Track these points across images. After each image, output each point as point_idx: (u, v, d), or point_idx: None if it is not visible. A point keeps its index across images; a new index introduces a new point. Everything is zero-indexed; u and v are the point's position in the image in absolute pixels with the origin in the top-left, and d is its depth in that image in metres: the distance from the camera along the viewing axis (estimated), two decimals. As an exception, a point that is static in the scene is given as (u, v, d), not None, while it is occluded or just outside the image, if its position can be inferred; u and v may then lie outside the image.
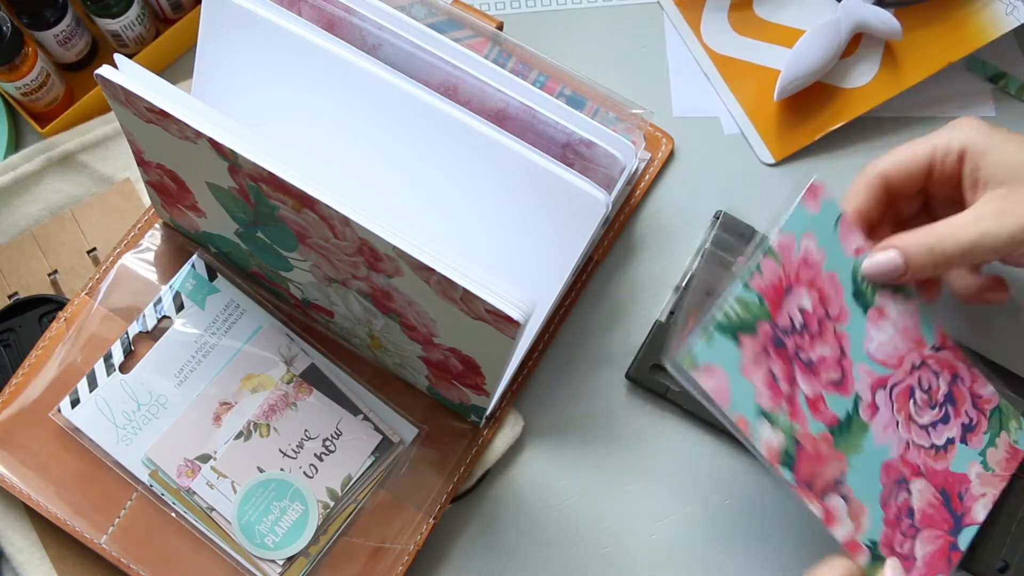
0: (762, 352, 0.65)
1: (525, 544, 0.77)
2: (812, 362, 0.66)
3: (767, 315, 0.65)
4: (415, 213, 0.70)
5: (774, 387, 0.65)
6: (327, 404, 0.75)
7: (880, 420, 0.68)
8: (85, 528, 0.72)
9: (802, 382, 0.66)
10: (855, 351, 0.68)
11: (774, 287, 0.66)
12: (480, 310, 0.57)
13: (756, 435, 0.64)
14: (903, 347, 0.69)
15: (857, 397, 0.68)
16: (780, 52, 0.85)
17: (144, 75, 0.61)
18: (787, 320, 0.66)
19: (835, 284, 0.68)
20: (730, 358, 0.64)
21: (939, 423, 0.71)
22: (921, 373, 0.70)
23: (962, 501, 0.71)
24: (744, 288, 0.65)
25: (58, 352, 0.75)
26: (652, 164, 0.83)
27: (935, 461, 0.70)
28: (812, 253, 0.67)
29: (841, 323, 0.68)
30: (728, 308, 0.64)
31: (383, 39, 0.69)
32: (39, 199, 0.80)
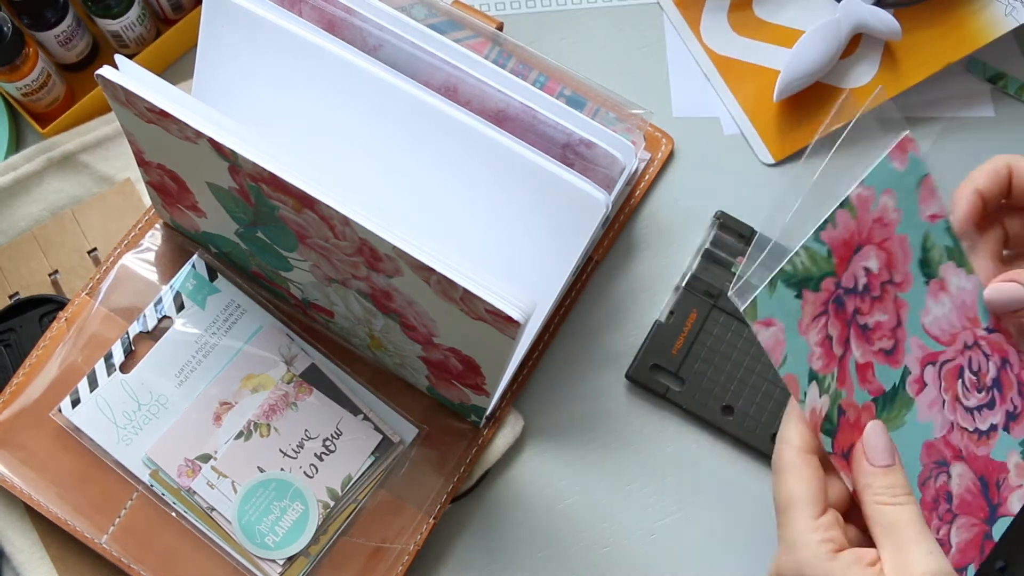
0: (822, 310, 0.62)
1: (525, 544, 0.77)
2: (868, 327, 0.63)
3: (833, 271, 0.62)
4: (415, 213, 0.70)
5: (828, 349, 0.62)
6: (327, 404, 0.75)
7: (926, 397, 0.65)
8: (86, 528, 0.72)
9: (856, 347, 0.63)
10: (911, 322, 0.65)
11: (845, 242, 0.62)
12: (480, 310, 0.57)
13: (804, 396, 0.61)
14: (958, 324, 0.66)
15: (906, 370, 0.65)
16: (780, 52, 0.85)
17: (144, 75, 0.61)
18: (851, 279, 0.62)
19: (904, 248, 0.64)
20: (790, 312, 0.61)
21: (984, 407, 0.67)
22: (972, 353, 0.67)
23: (999, 491, 0.67)
24: (815, 239, 0.61)
25: (59, 352, 0.75)
26: (652, 164, 0.83)
27: (977, 446, 0.67)
28: (889, 211, 0.63)
29: (902, 290, 0.64)
30: (796, 258, 0.61)
31: (383, 40, 0.69)
32: (40, 199, 0.80)
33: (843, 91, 0.84)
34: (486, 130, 0.67)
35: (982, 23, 0.82)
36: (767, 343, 0.60)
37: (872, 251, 0.63)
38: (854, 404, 0.63)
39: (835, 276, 0.62)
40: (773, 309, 0.60)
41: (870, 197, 0.63)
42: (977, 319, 0.67)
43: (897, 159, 0.64)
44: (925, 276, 0.65)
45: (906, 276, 0.64)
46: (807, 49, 0.81)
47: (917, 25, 0.83)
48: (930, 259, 0.65)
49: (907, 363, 0.65)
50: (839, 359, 0.62)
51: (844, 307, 0.62)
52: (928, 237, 0.65)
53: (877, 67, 0.84)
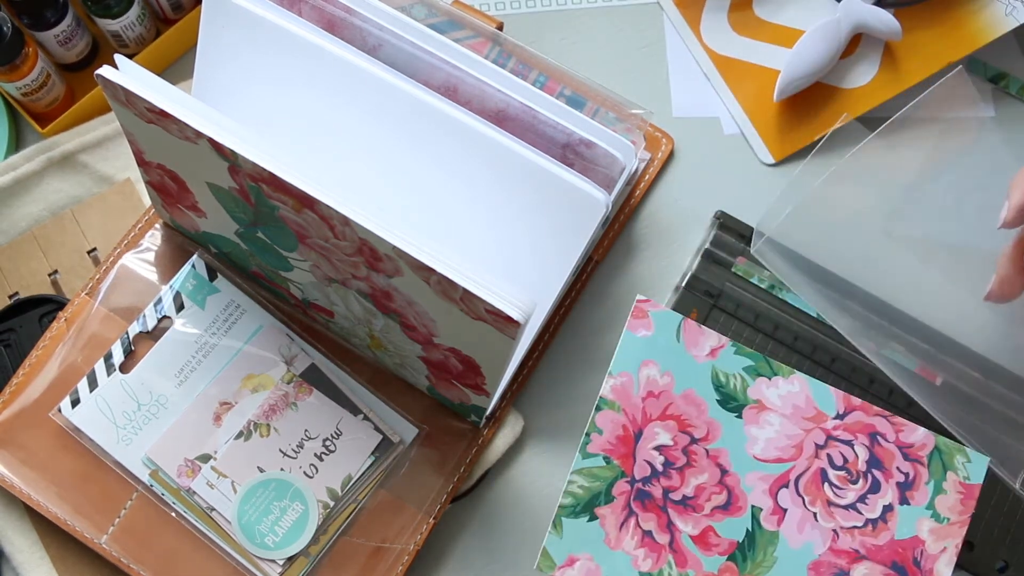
0: (626, 515, 0.61)
1: (525, 544, 0.77)
2: (688, 498, 0.62)
3: (620, 473, 0.61)
4: (415, 213, 0.70)
5: (651, 544, 0.61)
6: (327, 404, 0.75)
7: (791, 521, 0.63)
8: (85, 528, 0.72)
9: (681, 524, 0.62)
10: (738, 463, 0.63)
11: (620, 439, 0.62)
12: (480, 310, 0.57)
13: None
14: (798, 432, 0.64)
15: (754, 509, 0.63)
16: (780, 52, 0.85)
17: (144, 75, 0.61)
18: (646, 468, 0.62)
19: (694, 401, 0.63)
20: (590, 539, 0.60)
21: (867, 494, 0.64)
22: (829, 450, 0.64)
23: (920, 566, 0.64)
24: (584, 457, 0.61)
25: (58, 352, 0.75)
26: (652, 164, 0.83)
27: (875, 537, 0.64)
28: (657, 381, 0.63)
29: (711, 441, 0.63)
30: (572, 487, 0.61)
31: (383, 40, 0.69)
32: (39, 199, 0.80)
33: (843, 91, 0.84)
34: (486, 130, 0.67)
35: (982, 23, 0.82)
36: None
37: (656, 428, 0.62)
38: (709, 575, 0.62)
39: (625, 476, 0.61)
40: (569, 546, 0.60)
41: (628, 382, 0.63)
42: (821, 414, 0.65)
43: (640, 328, 0.63)
44: (734, 411, 0.64)
45: (710, 425, 0.63)
46: (807, 49, 0.81)
47: (917, 25, 0.83)
48: (731, 393, 0.64)
49: (753, 502, 0.63)
50: (669, 545, 0.61)
51: (651, 496, 0.62)
52: (717, 373, 0.64)
53: (877, 67, 0.84)
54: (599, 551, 0.60)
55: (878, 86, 0.83)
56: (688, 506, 0.62)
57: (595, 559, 0.60)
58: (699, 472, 0.62)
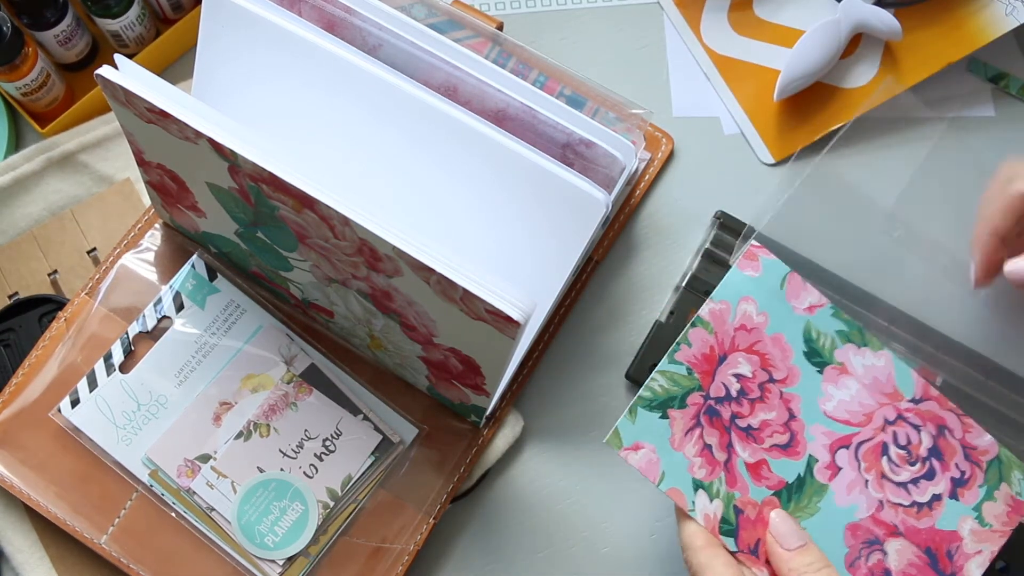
0: (693, 423, 0.64)
1: (525, 544, 0.77)
2: (753, 428, 0.65)
3: (697, 386, 0.65)
4: (415, 213, 0.70)
5: (708, 457, 0.64)
6: (327, 404, 0.75)
7: (843, 480, 0.66)
8: (85, 528, 0.72)
9: (741, 449, 0.65)
10: (807, 412, 0.66)
11: (705, 357, 0.65)
12: (480, 310, 0.57)
13: (692, 506, 0.64)
14: (871, 403, 0.67)
15: (811, 459, 0.65)
16: (780, 52, 0.85)
17: (144, 75, 0.61)
18: (721, 389, 0.65)
19: (781, 345, 0.66)
20: (658, 433, 0.64)
21: (921, 479, 0.66)
22: (896, 428, 0.67)
23: (952, 560, 0.66)
24: (670, 361, 0.64)
25: (58, 352, 0.75)
26: (652, 164, 0.83)
27: (917, 519, 0.66)
28: (752, 317, 0.66)
29: (788, 385, 0.66)
30: (653, 383, 0.64)
31: (383, 39, 0.69)
32: (39, 199, 0.80)
33: (843, 91, 0.84)
34: (486, 130, 0.67)
35: (982, 23, 0.82)
36: (640, 465, 0.63)
37: (740, 357, 0.65)
38: (751, 502, 0.64)
39: (701, 390, 0.64)
40: (638, 434, 0.63)
41: (725, 310, 0.66)
42: (897, 393, 0.67)
43: (748, 268, 0.66)
44: (816, 366, 0.66)
45: (790, 371, 0.66)
46: (807, 49, 0.81)
47: (917, 25, 0.83)
48: (818, 348, 0.66)
49: (811, 451, 0.65)
50: (724, 463, 0.64)
51: (719, 415, 0.65)
52: (810, 328, 0.66)
53: (877, 67, 0.84)
54: (662, 447, 0.63)
55: (878, 86, 0.83)
56: (750, 435, 0.65)
57: (657, 452, 0.63)
58: (768, 409, 0.65)
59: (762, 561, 0.64)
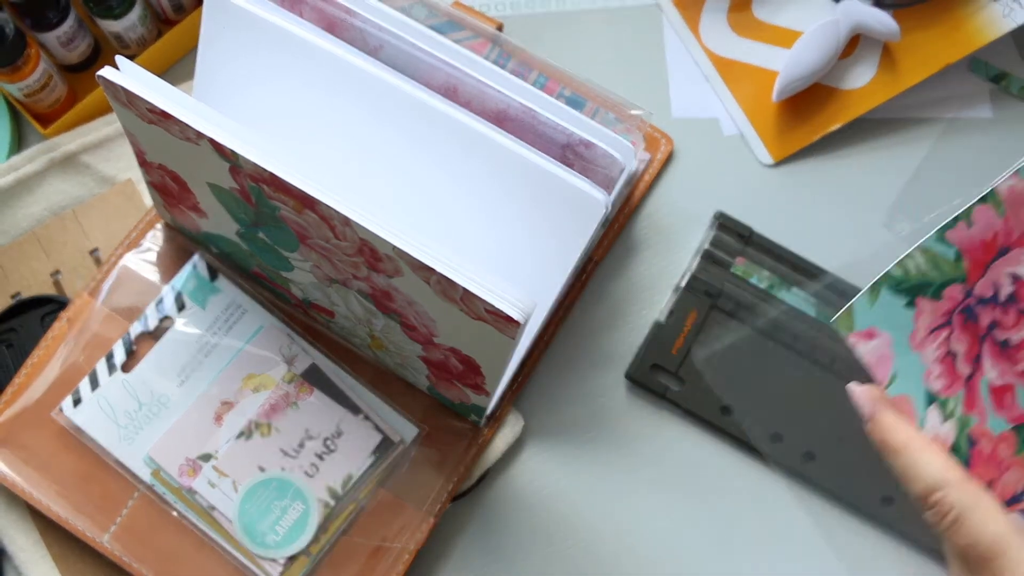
0: (943, 321, 0.51)
1: (525, 544, 0.77)
2: (1010, 344, 0.52)
3: (962, 277, 0.51)
4: (415, 213, 0.70)
5: (951, 367, 0.52)
6: (328, 404, 0.75)
7: None
8: (87, 527, 0.72)
9: (990, 366, 0.52)
10: None
11: (984, 244, 0.51)
12: (480, 310, 0.57)
13: (922, 423, 0.51)
14: None
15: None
16: (779, 53, 0.85)
17: (145, 76, 0.61)
18: (989, 287, 0.51)
19: None
20: (899, 323, 0.51)
21: None
22: None
23: None
24: (938, 239, 0.50)
25: (60, 352, 0.75)
26: (651, 165, 0.84)
27: None
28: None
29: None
30: (910, 261, 0.51)
31: (384, 40, 0.70)
32: (41, 199, 0.80)
33: (842, 92, 0.84)
34: (486, 131, 0.67)
35: (980, 24, 0.82)
36: (869, 357, 0.51)
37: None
38: (987, 433, 0.52)
39: (965, 283, 0.51)
40: (876, 318, 0.51)
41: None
42: None
43: None
44: None
45: None
46: (806, 50, 0.81)
47: (916, 26, 0.83)
48: None
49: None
50: (966, 380, 0.52)
51: (976, 319, 0.52)
52: None
53: (876, 68, 0.84)
54: (900, 341, 0.51)
55: (877, 87, 0.83)
56: (1005, 353, 0.52)
57: (893, 347, 0.51)
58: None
59: None
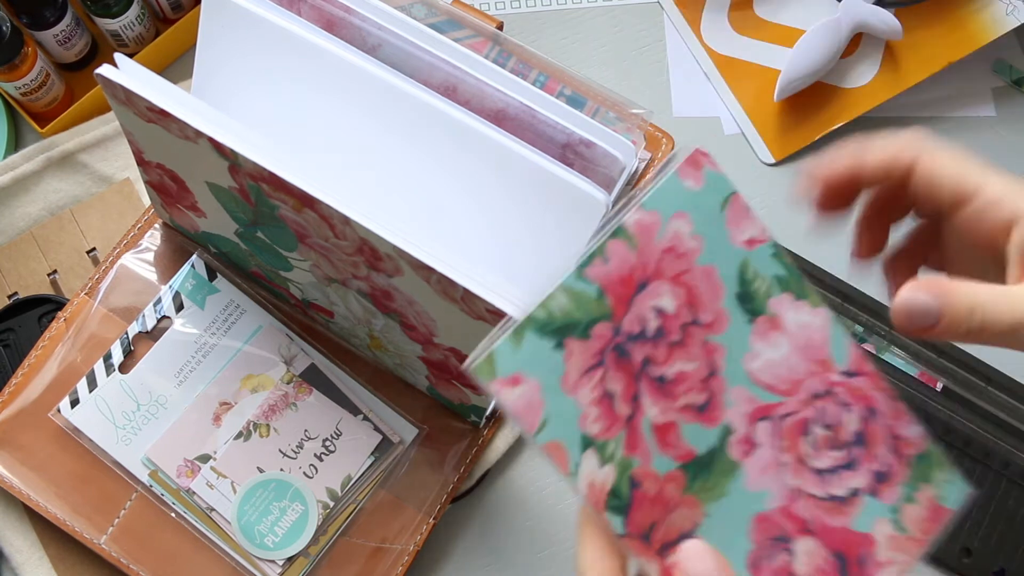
0: (596, 361, 0.49)
1: (525, 544, 0.77)
2: (666, 379, 0.51)
3: (608, 315, 0.49)
4: (415, 213, 0.70)
5: (608, 409, 0.49)
6: (327, 404, 0.75)
7: (758, 460, 0.52)
8: (85, 528, 0.72)
9: (649, 404, 0.50)
10: (731, 369, 0.52)
11: (622, 279, 0.49)
12: (481, 310, 0.57)
13: (575, 468, 0.48)
14: (801, 369, 0.53)
15: (726, 428, 0.52)
16: (780, 52, 0.85)
17: (144, 74, 0.60)
18: (636, 323, 0.50)
19: (712, 282, 0.52)
20: (548, 368, 0.48)
21: (842, 469, 0.54)
22: (825, 403, 0.54)
23: (862, 568, 0.54)
24: (578, 276, 0.48)
25: (58, 352, 0.75)
26: (652, 164, 0.83)
27: (831, 516, 0.54)
28: (684, 239, 0.51)
29: (715, 333, 0.52)
30: (552, 302, 0.48)
31: (383, 39, 0.69)
32: (39, 199, 0.80)
33: (844, 91, 0.84)
34: (486, 130, 0.67)
35: (983, 23, 0.82)
36: (516, 406, 0.47)
37: (665, 287, 0.51)
38: (653, 474, 0.50)
39: (612, 320, 0.49)
40: (522, 364, 0.47)
41: (654, 223, 0.50)
42: (829, 361, 0.54)
43: (689, 177, 0.51)
44: (748, 313, 0.53)
45: (718, 315, 0.52)
46: (808, 49, 0.81)
47: (918, 25, 0.83)
48: (752, 292, 0.53)
49: (729, 419, 0.52)
50: (626, 420, 0.50)
51: (629, 356, 0.50)
52: (747, 266, 0.53)
53: (878, 67, 0.84)
54: (551, 386, 0.47)
55: (878, 86, 0.83)
56: (663, 389, 0.50)
57: (542, 393, 0.47)
58: (689, 359, 0.51)
59: (654, 550, 0.50)
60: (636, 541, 0.49)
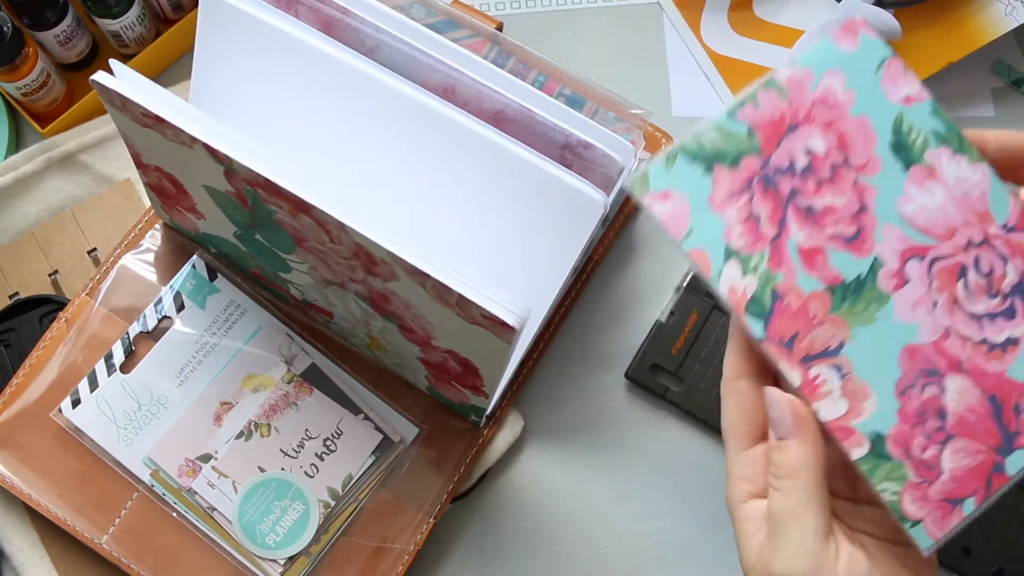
0: (743, 188, 0.53)
1: (525, 544, 0.77)
2: (814, 210, 0.54)
3: (756, 149, 0.53)
4: (412, 215, 0.70)
5: (754, 228, 0.54)
6: (328, 404, 0.75)
7: (909, 295, 0.55)
8: (86, 528, 0.72)
9: (795, 230, 0.54)
10: (883, 209, 0.55)
11: (772, 122, 0.54)
12: (476, 315, 0.57)
13: (717, 274, 0.53)
14: (957, 218, 0.55)
15: (876, 261, 0.55)
16: (780, 52, 0.85)
17: (139, 81, 0.61)
18: (785, 159, 0.54)
19: (865, 130, 0.55)
20: (697, 187, 0.53)
21: (999, 316, 0.55)
22: (981, 252, 0.55)
23: (1019, 417, 0.55)
24: (728, 117, 0.53)
25: (59, 352, 0.75)
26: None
27: (987, 360, 0.55)
28: (836, 93, 0.54)
29: (867, 174, 0.55)
30: (704, 135, 0.53)
31: (380, 41, 0.69)
32: (39, 199, 0.80)
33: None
34: (484, 131, 0.67)
35: (982, 23, 0.82)
36: (664, 216, 0.52)
37: (815, 131, 0.54)
38: (796, 290, 0.54)
39: (760, 155, 0.54)
40: (672, 183, 0.52)
41: (806, 79, 0.54)
42: (988, 215, 0.56)
43: (844, 41, 0.54)
44: (903, 161, 0.55)
45: (870, 159, 0.55)
46: (807, 49, 0.81)
47: (917, 25, 0.83)
48: (908, 143, 0.55)
49: (879, 252, 0.55)
50: (771, 240, 0.54)
51: (776, 187, 0.54)
52: (903, 120, 0.55)
53: (877, 67, 0.84)
54: (698, 203, 0.52)
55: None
56: (810, 218, 0.54)
57: (690, 208, 0.52)
58: (838, 194, 0.54)
59: (796, 360, 0.54)
60: (776, 346, 0.54)
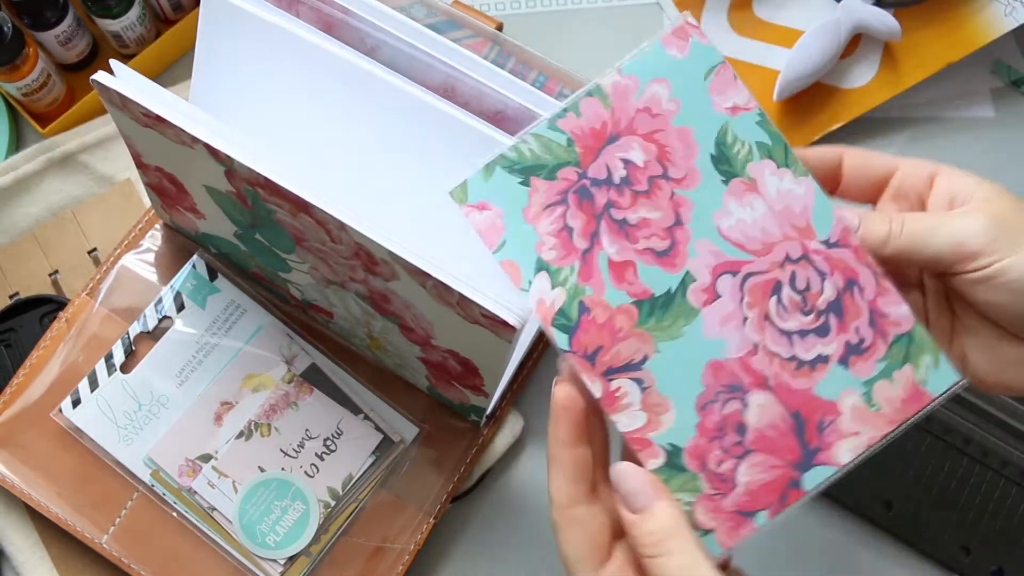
0: (558, 199, 0.54)
1: (525, 544, 0.77)
2: (629, 223, 0.54)
3: (575, 161, 0.54)
4: (412, 214, 0.70)
5: (566, 240, 0.54)
6: (328, 403, 0.75)
7: (718, 310, 0.55)
8: (86, 528, 0.72)
9: (608, 243, 0.54)
10: (699, 223, 0.55)
11: (593, 132, 0.54)
12: (476, 314, 0.57)
13: (527, 285, 0.54)
14: (776, 232, 0.55)
15: (687, 276, 0.55)
16: (780, 52, 0.85)
17: (140, 80, 0.61)
18: (602, 170, 0.54)
19: (687, 141, 0.55)
20: (513, 199, 0.54)
21: (811, 334, 0.55)
22: (798, 268, 0.55)
23: (821, 434, 0.55)
24: (549, 126, 0.54)
25: (59, 352, 0.75)
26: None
27: (793, 377, 0.55)
28: (660, 102, 0.55)
29: (684, 187, 0.55)
30: (523, 145, 0.54)
31: (381, 40, 0.69)
32: (40, 199, 0.80)
33: (843, 91, 0.84)
34: (486, 130, 0.67)
35: (982, 23, 0.82)
36: (480, 226, 0.54)
37: (635, 142, 0.54)
38: (604, 304, 0.54)
39: (578, 167, 0.54)
40: (490, 194, 0.54)
41: (631, 86, 0.55)
42: (811, 229, 0.55)
43: (674, 46, 0.55)
44: (722, 174, 0.55)
45: (690, 172, 0.55)
46: (807, 49, 0.81)
47: (917, 25, 0.83)
48: (729, 156, 0.55)
49: (691, 268, 0.55)
50: (582, 253, 0.54)
51: (592, 199, 0.54)
52: (728, 131, 0.55)
53: (877, 67, 0.83)
54: (513, 214, 0.54)
55: (878, 86, 0.83)
56: (623, 231, 0.55)
57: (504, 219, 0.54)
58: (653, 207, 0.55)
59: (598, 372, 0.54)
60: (579, 359, 0.54)
